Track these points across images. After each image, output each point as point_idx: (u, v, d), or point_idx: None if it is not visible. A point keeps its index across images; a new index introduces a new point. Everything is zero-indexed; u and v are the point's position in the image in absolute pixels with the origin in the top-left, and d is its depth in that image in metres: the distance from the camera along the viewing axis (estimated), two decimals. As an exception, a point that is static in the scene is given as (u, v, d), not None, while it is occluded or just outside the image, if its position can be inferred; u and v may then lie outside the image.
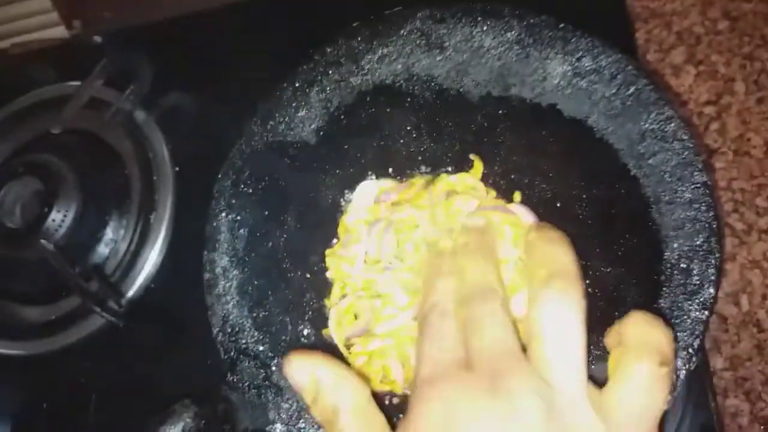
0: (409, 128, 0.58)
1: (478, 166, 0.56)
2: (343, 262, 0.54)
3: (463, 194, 0.51)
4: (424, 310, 0.41)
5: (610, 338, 0.37)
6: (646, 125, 0.50)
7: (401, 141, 0.58)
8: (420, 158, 0.58)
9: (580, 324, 0.35)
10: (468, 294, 0.39)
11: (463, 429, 0.31)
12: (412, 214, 0.52)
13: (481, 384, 0.33)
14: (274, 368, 0.54)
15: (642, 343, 0.35)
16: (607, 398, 0.34)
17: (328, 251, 0.57)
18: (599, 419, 0.32)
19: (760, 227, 0.71)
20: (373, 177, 0.59)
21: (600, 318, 0.51)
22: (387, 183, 0.57)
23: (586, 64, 0.52)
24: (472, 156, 0.56)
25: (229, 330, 0.55)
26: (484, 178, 0.55)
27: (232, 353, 0.54)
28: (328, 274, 0.56)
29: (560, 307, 0.35)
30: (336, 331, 0.54)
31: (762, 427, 0.66)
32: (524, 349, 0.36)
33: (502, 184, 0.55)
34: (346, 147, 0.59)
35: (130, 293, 0.69)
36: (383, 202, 0.56)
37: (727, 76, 0.77)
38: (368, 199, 0.56)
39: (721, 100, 0.76)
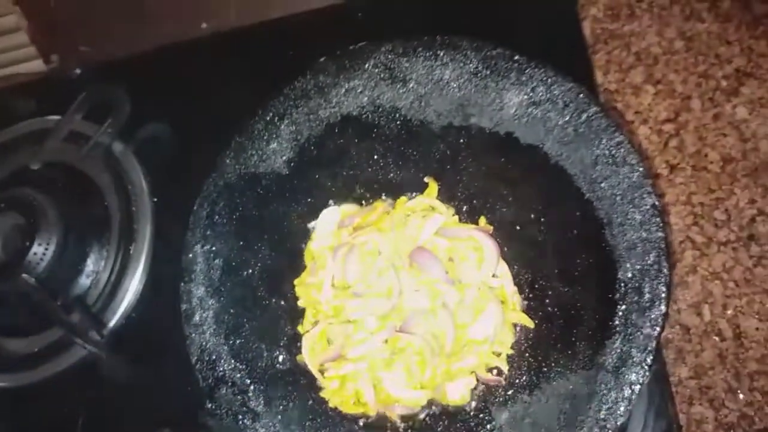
0: (376, 157, 0.61)
1: (433, 187, 0.59)
2: (311, 289, 0.56)
3: (424, 214, 0.54)
4: None
5: None
6: (598, 151, 0.53)
7: (369, 170, 0.61)
8: (387, 186, 0.60)
9: None
10: None
11: None
12: (374, 238, 0.54)
13: None
14: (250, 394, 0.55)
15: None
16: None
17: (296, 280, 0.59)
18: None
19: (719, 239, 0.73)
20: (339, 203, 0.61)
21: (559, 335, 0.54)
22: (350, 207, 0.60)
23: (540, 94, 0.55)
24: (426, 179, 0.59)
25: (207, 358, 0.57)
26: (447, 203, 0.58)
27: (210, 381, 0.56)
28: (299, 302, 0.59)
29: None
30: (309, 358, 0.56)
31: (726, 433, 0.68)
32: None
33: (464, 209, 0.58)
34: (316, 176, 0.61)
35: (112, 323, 0.71)
36: (346, 226, 0.58)
37: (684, 94, 0.80)
38: (331, 225, 0.59)
39: (679, 118, 0.79)
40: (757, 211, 0.74)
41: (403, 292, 0.54)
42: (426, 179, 0.59)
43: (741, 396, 0.69)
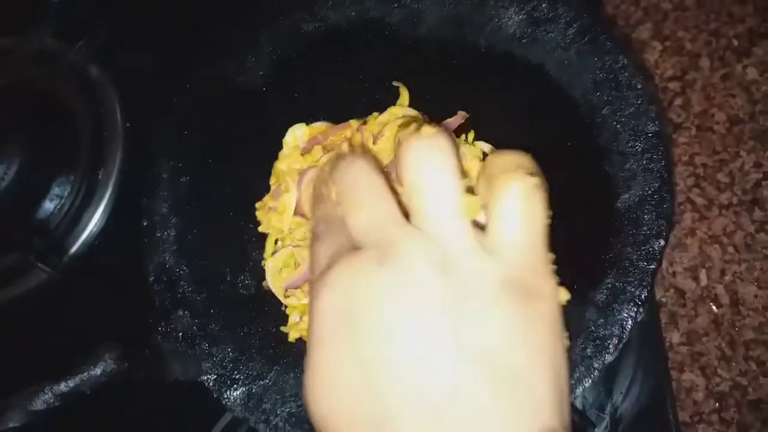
0: (361, 77, 0.56)
1: (404, 94, 0.54)
2: (273, 216, 0.52)
3: (399, 123, 0.49)
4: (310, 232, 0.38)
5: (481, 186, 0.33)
6: (601, 74, 0.49)
7: (353, 89, 0.56)
8: (371, 106, 0.56)
9: (453, 167, 0.31)
10: (341, 189, 0.35)
11: (365, 308, 0.29)
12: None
13: (370, 259, 0.30)
14: (209, 318, 0.51)
15: (503, 167, 0.32)
16: (492, 231, 0.31)
17: (258, 204, 0.54)
18: (490, 256, 0.30)
19: (721, 202, 0.70)
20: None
21: (548, 270, 0.50)
22: (320, 125, 0.55)
23: (543, 12, 0.51)
24: (395, 83, 0.55)
25: (165, 278, 0.52)
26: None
27: (167, 303, 0.52)
28: (260, 228, 0.54)
29: (430, 154, 0.31)
30: (273, 283, 0.52)
31: (716, 402, 0.64)
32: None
33: (454, 132, 0.54)
34: (295, 95, 0.57)
35: (74, 249, 0.67)
36: (316, 144, 0.53)
37: (693, 52, 0.76)
38: (300, 143, 0.54)
39: (686, 76, 0.75)
40: (763, 175, 0.70)
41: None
42: (395, 83, 0.54)
43: (735, 365, 0.66)
